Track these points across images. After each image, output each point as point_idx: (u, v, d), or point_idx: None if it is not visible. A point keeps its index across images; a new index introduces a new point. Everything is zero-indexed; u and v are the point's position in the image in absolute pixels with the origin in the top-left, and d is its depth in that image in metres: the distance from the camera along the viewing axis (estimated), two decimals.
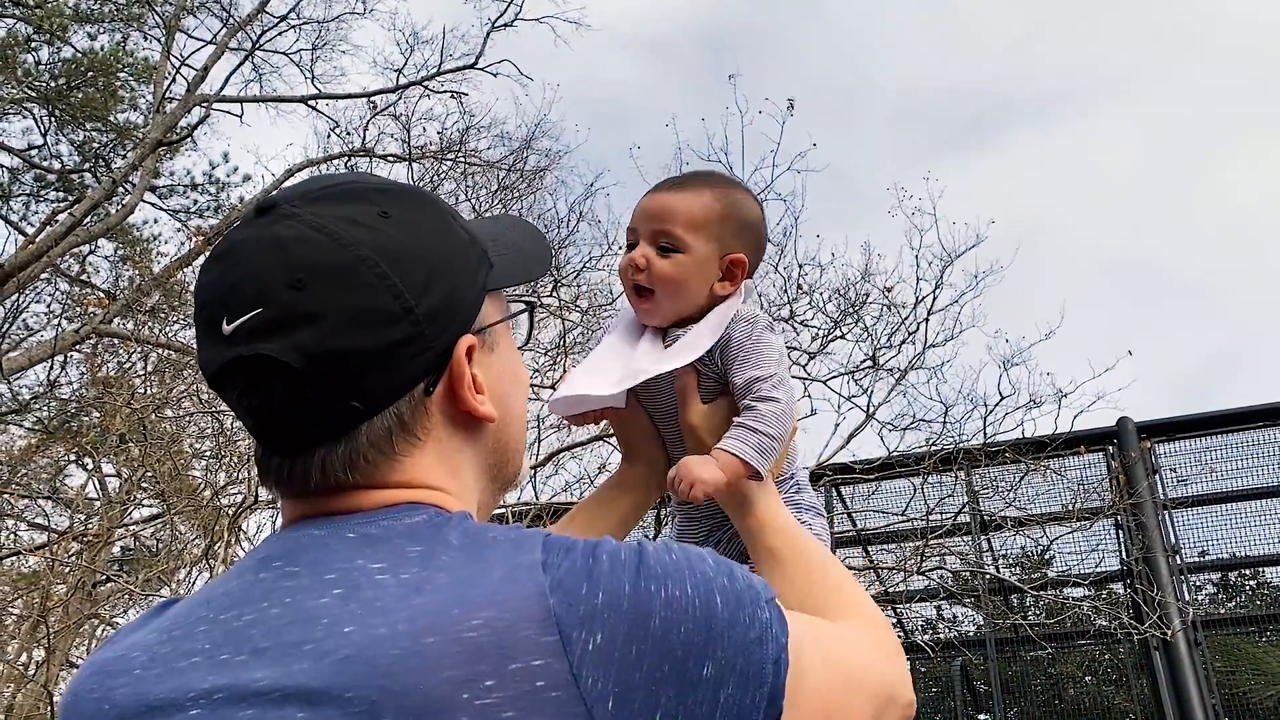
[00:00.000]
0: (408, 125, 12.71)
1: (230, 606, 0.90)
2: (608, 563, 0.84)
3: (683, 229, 1.63)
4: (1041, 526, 9.41)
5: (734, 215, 1.69)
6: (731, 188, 1.72)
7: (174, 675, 0.86)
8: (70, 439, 12.11)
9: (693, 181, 1.69)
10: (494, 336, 1.08)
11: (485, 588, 0.82)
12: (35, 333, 14.13)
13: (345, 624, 0.82)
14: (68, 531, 10.58)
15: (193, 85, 14.26)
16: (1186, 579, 9.21)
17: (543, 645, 0.78)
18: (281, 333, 0.90)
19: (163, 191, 15.64)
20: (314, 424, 0.94)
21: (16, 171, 15.34)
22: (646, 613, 0.81)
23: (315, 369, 0.91)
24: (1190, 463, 9.66)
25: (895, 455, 9.11)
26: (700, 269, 1.64)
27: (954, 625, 10.96)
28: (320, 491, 0.96)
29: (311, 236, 0.93)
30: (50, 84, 14.77)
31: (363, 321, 0.92)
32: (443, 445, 1.01)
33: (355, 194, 0.99)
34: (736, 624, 0.85)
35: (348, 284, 0.92)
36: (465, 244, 1.05)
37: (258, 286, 0.91)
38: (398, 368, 0.95)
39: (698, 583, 0.85)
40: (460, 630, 0.78)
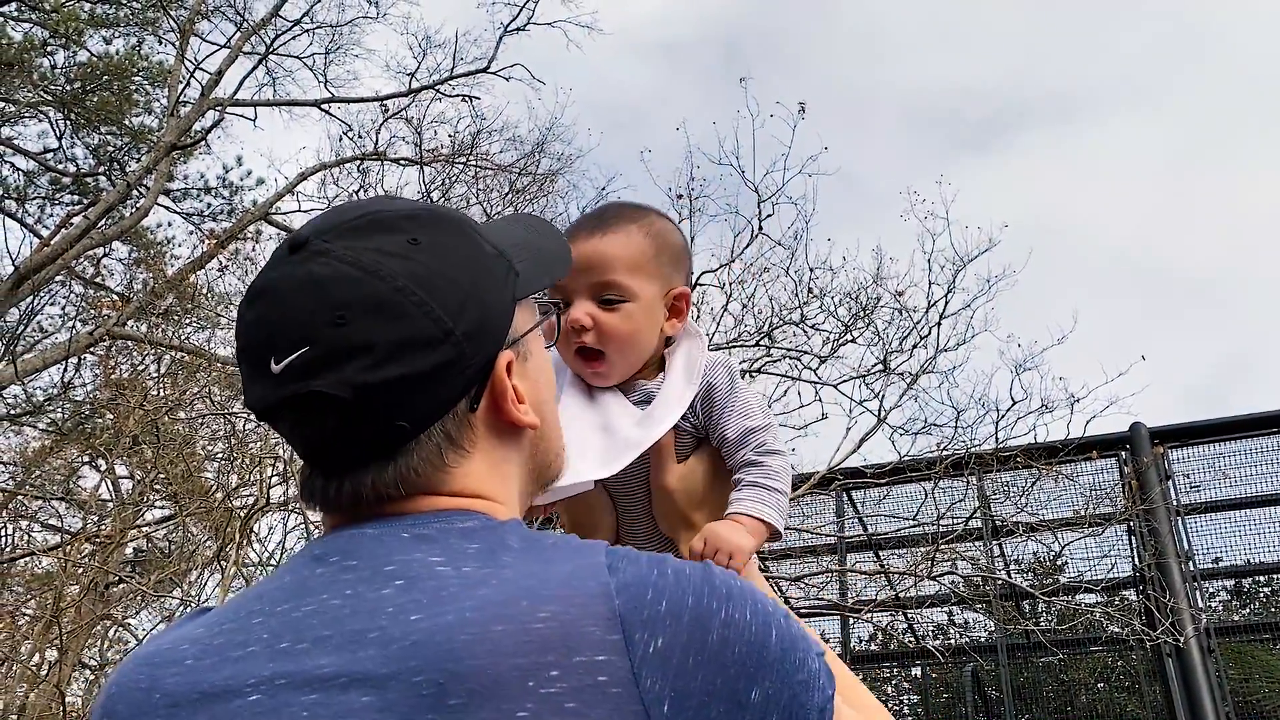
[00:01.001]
0: (420, 129, 12.77)
1: (286, 599, 0.92)
2: (673, 574, 0.87)
3: (624, 274, 1.50)
4: (1053, 532, 9.38)
5: (667, 246, 1.57)
6: (651, 217, 1.60)
7: (230, 664, 0.88)
8: (84, 440, 12.18)
9: (612, 221, 1.55)
10: (527, 345, 1.11)
11: (552, 583, 0.85)
12: (50, 335, 14.21)
13: (411, 612, 0.85)
14: (81, 533, 10.64)
15: (207, 89, 14.33)
16: (1200, 585, 9.15)
17: (607, 643, 0.81)
18: (330, 368, 0.94)
19: (177, 195, 15.73)
20: (365, 447, 0.98)
21: (32, 174, 15.45)
22: (706, 626, 0.84)
23: (366, 399, 0.94)
24: (1203, 468, 9.60)
25: (907, 460, 9.09)
26: (649, 315, 1.53)
27: (965, 631, 10.91)
28: (369, 505, 0.99)
29: (347, 272, 0.96)
30: (66, 88, 14.87)
31: (406, 349, 0.95)
32: (490, 455, 1.05)
33: (383, 224, 1.02)
34: (787, 662, 0.88)
35: (388, 315, 0.95)
36: (493, 259, 1.07)
37: (301, 326, 0.95)
38: (442, 388, 0.99)
39: (757, 612, 0.88)
40: (528, 621, 0.81)
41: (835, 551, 9.84)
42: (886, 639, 11.12)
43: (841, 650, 10.08)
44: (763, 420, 1.53)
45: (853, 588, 9.64)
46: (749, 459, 1.50)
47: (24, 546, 12.09)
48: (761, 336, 9.62)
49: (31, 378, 12.53)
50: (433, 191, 11.45)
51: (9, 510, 12.52)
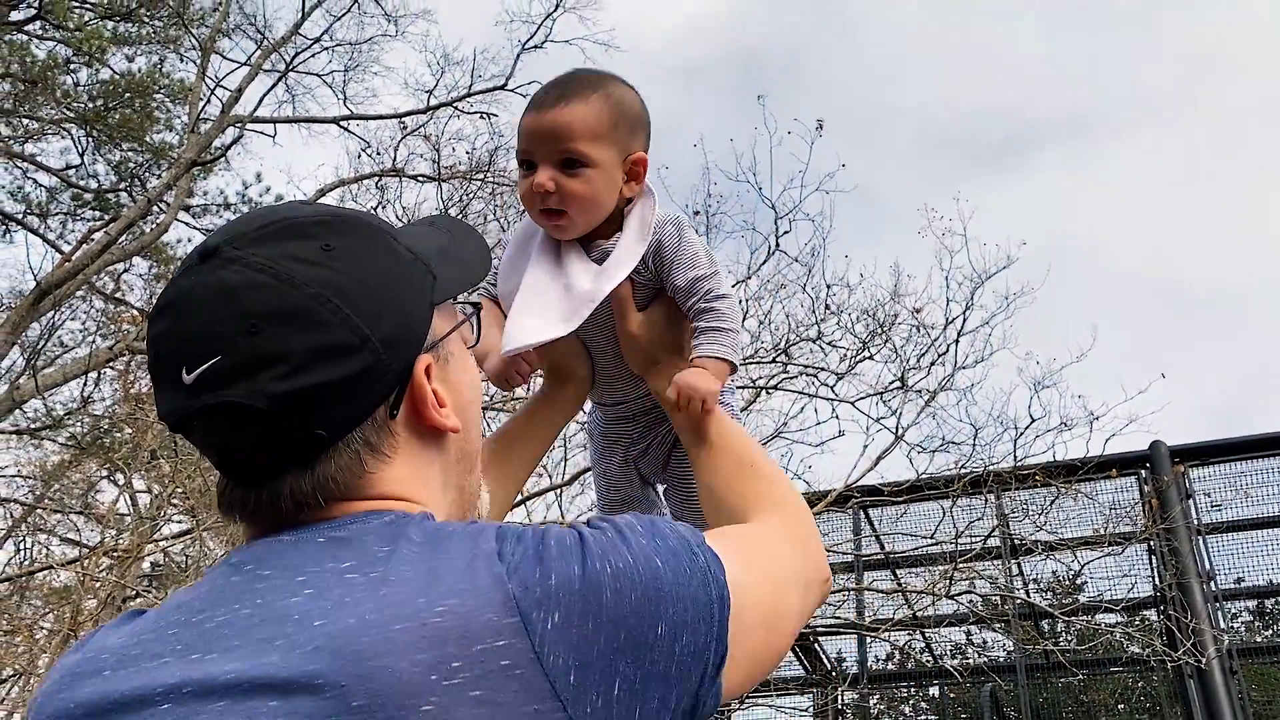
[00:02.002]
0: (438, 145, 12.83)
1: (201, 609, 0.92)
2: (555, 547, 0.89)
3: (585, 143, 1.60)
4: (1073, 551, 9.30)
5: (626, 114, 1.66)
6: (612, 84, 1.68)
7: (143, 674, 0.88)
8: (102, 455, 12.23)
9: (575, 89, 1.63)
10: (447, 348, 1.11)
11: (448, 577, 0.85)
12: (70, 349, 14.32)
13: (315, 618, 0.84)
14: (99, 546, 10.67)
15: (227, 106, 14.45)
16: (1221, 606, 9.05)
17: (504, 627, 0.82)
18: (244, 378, 0.93)
19: (196, 211, 15.83)
20: (283, 456, 0.97)
21: (54, 190, 15.59)
22: (598, 589, 0.86)
23: (281, 408, 0.93)
24: (1225, 487, 9.51)
25: (924, 477, 9.04)
26: (608, 179, 1.63)
27: (984, 650, 10.82)
28: (289, 514, 0.98)
29: (259, 280, 0.95)
30: (88, 105, 15.02)
31: (322, 358, 0.94)
32: (412, 460, 1.04)
33: (296, 230, 1.00)
34: (679, 576, 0.91)
35: (303, 323, 0.94)
36: (409, 263, 1.06)
37: (213, 335, 0.93)
38: (360, 395, 0.98)
39: (635, 552, 0.90)
40: (426, 617, 0.82)
41: (852, 570, 9.78)
42: (904, 658, 11.03)
43: (859, 669, 10.01)
44: (708, 268, 1.65)
45: (870, 606, 9.58)
46: (700, 306, 1.63)
47: (43, 560, 12.15)
48: (778, 353, 9.60)
49: (52, 392, 12.62)
50: (451, 208, 11.49)
51: (28, 524, 12.59)
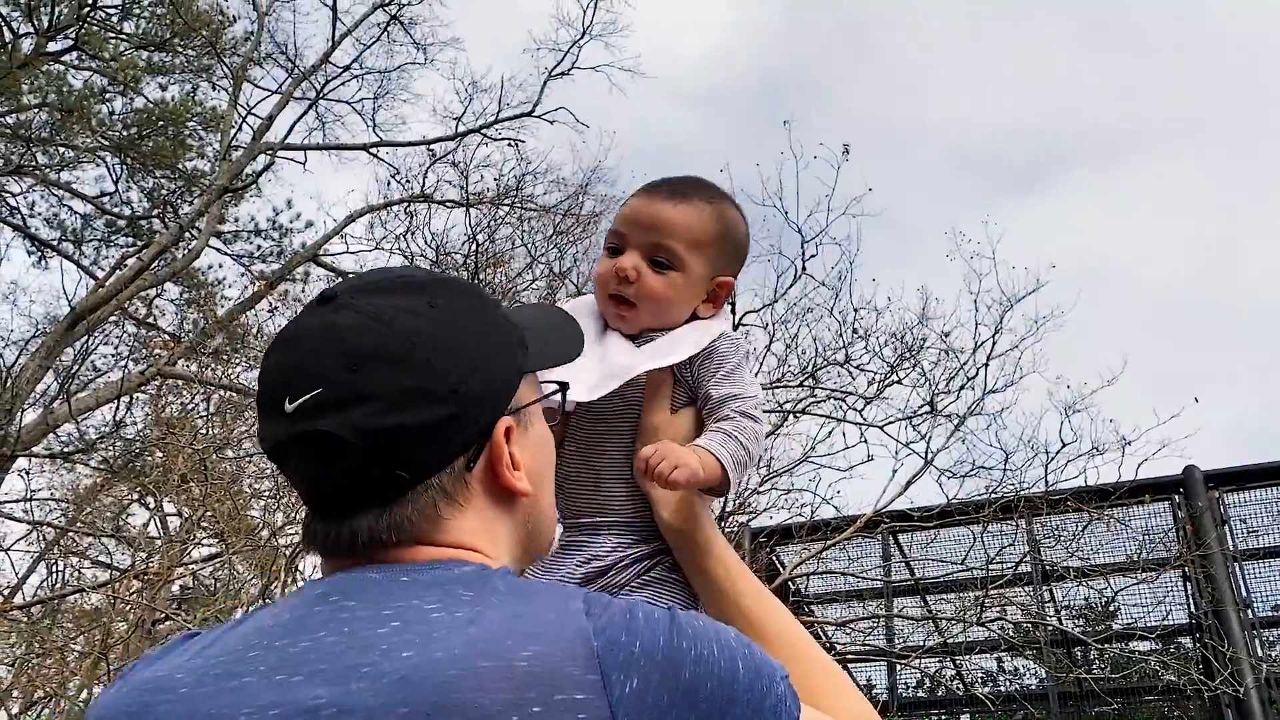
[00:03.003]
0: (466, 172, 12.93)
1: (284, 635, 0.95)
2: (643, 618, 0.93)
3: (683, 247, 1.55)
4: (1105, 577, 9.18)
5: (730, 237, 1.62)
6: (727, 204, 1.64)
7: (225, 694, 0.91)
8: (134, 478, 12.34)
9: (691, 193, 1.60)
10: (529, 416, 1.17)
11: (535, 625, 0.89)
12: (103, 374, 14.49)
13: (403, 649, 0.88)
14: (129, 569, 10.74)
15: (258, 133, 14.64)
16: (1259, 634, 8.90)
17: (586, 682, 0.85)
18: (339, 410, 0.99)
19: (228, 237, 16.03)
20: (364, 492, 1.02)
21: (89, 218, 15.84)
22: (678, 665, 0.90)
23: (369, 443, 0.99)
24: (1261, 513, 9.36)
25: (954, 503, 8.96)
26: (691, 289, 1.58)
27: (1015, 678, 10.68)
28: (366, 550, 1.03)
29: (366, 324, 1.03)
30: (122, 133, 15.26)
31: (412, 400, 1.01)
32: (483, 514, 1.09)
33: (408, 286, 1.09)
34: (755, 690, 0.93)
35: (398, 367, 1.01)
36: (505, 331, 1.14)
37: (316, 369, 1.01)
38: (442, 443, 1.04)
39: (723, 647, 0.94)
40: (513, 659, 0.85)
41: (882, 596, 9.69)
42: (934, 686, 10.91)
43: (888, 697, 9.90)
44: (750, 393, 1.55)
45: (900, 633, 9.48)
46: (726, 414, 1.52)
47: (74, 583, 12.24)
48: (805, 377, 9.57)
49: (84, 416, 12.76)
50: (478, 233, 11.58)
51: (60, 547, 12.70)
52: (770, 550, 9.47)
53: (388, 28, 15.68)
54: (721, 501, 9.13)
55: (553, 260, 12.06)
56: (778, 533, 9.53)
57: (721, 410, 1.52)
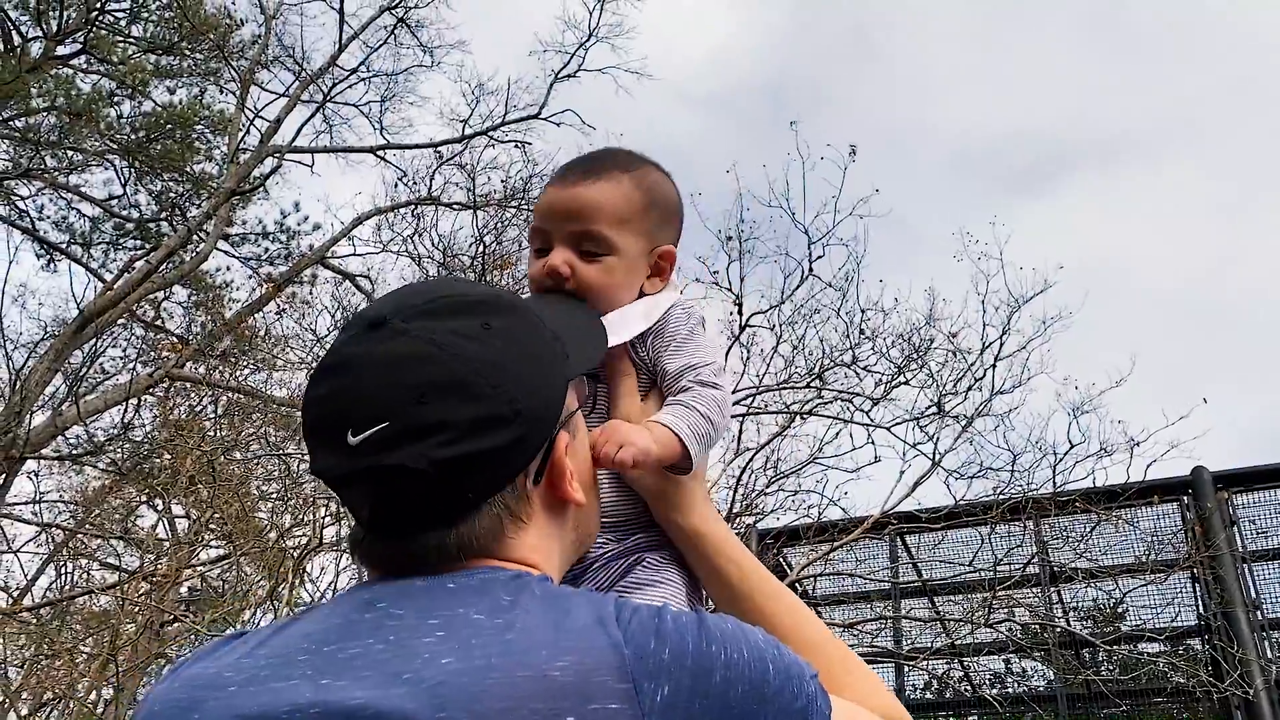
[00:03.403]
0: (473, 174, 12.95)
1: (333, 640, 0.97)
2: (672, 623, 0.95)
3: (608, 227, 1.44)
4: (1114, 579, 9.15)
5: (658, 202, 1.51)
6: (647, 168, 1.53)
7: (270, 694, 0.93)
8: (142, 480, 12.38)
9: (605, 167, 1.49)
10: (575, 423, 1.20)
11: (569, 634, 0.92)
12: (111, 376, 14.54)
13: (444, 657, 0.90)
14: (138, 571, 10.77)
15: (265, 136, 14.68)
16: (1269, 635, 8.86)
17: (617, 691, 0.87)
18: (410, 443, 1.00)
19: (235, 239, 16.07)
20: (433, 515, 1.04)
21: (97, 220, 15.88)
22: (709, 670, 0.92)
23: (443, 473, 1.01)
24: (1270, 514, 9.32)
25: (962, 504, 8.94)
26: (630, 270, 1.48)
27: (1023, 680, 10.66)
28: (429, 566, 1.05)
29: (427, 352, 1.03)
30: (131, 136, 15.31)
31: (482, 428, 1.02)
32: (543, 528, 1.12)
33: (458, 308, 1.09)
34: (785, 692, 0.95)
35: (464, 396, 1.02)
36: (551, 342, 1.16)
37: (381, 401, 1.01)
38: (508, 464, 1.07)
39: (752, 649, 0.96)
40: (548, 669, 0.87)
41: (889, 597, 9.67)
42: (942, 687, 10.88)
43: None
44: (706, 359, 1.46)
45: (907, 634, 9.46)
46: (684, 385, 1.44)
47: (83, 584, 12.29)
48: (813, 378, 9.56)
49: (93, 418, 12.80)
50: (485, 235, 11.59)
51: (69, 548, 12.74)
52: (777, 551, 9.46)
53: (394, 30, 15.73)
54: (728, 503, 9.13)
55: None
56: (785, 534, 9.52)
57: (679, 382, 1.44)
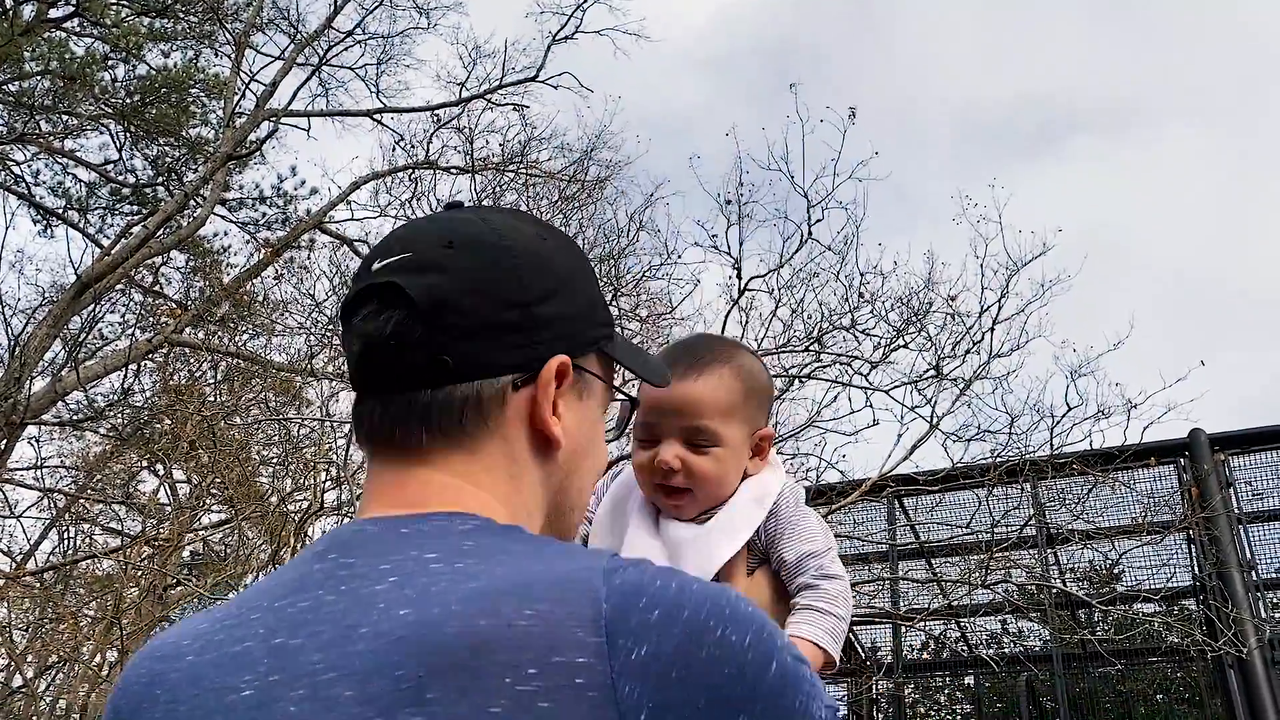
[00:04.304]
0: (470, 137, 12.88)
1: (285, 595, 0.93)
2: (677, 586, 0.85)
3: (716, 421, 1.53)
4: (1110, 540, 9.21)
5: (755, 389, 1.60)
6: (740, 355, 1.62)
7: (228, 659, 0.90)
8: (143, 446, 12.42)
9: (704, 361, 1.56)
10: (590, 389, 1.14)
11: (544, 583, 0.84)
12: (110, 342, 14.52)
13: (401, 607, 0.85)
14: (140, 536, 10.83)
15: (261, 100, 14.58)
16: (1263, 595, 8.94)
17: (589, 645, 0.79)
18: (417, 273, 1.02)
19: (232, 204, 16.00)
20: (408, 365, 1.01)
21: (94, 186, 15.81)
22: (698, 642, 0.81)
23: (428, 309, 1.00)
24: (1266, 476, 9.38)
25: (959, 467, 8.98)
26: (736, 457, 1.55)
27: (1020, 640, 10.76)
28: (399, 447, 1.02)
29: (475, 221, 1.09)
30: (126, 100, 15.20)
31: (483, 290, 1.02)
32: (510, 448, 1.05)
33: (530, 219, 1.15)
34: (783, 699, 0.84)
35: (485, 258, 1.04)
36: (596, 300, 1.16)
37: (415, 239, 1.06)
38: (495, 348, 1.03)
39: (761, 640, 0.85)
40: (513, 618, 0.80)
41: (887, 559, 9.75)
42: (939, 648, 10.99)
43: (893, 659, 9.99)
44: (823, 545, 1.53)
45: (905, 596, 9.55)
46: (806, 582, 1.49)
47: (86, 549, 12.36)
48: (811, 342, 9.56)
49: (93, 384, 12.82)
50: (483, 199, 11.54)
51: (71, 514, 12.81)
52: None
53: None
54: None
55: (558, 226, 12.02)
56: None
57: (800, 576, 1.50)
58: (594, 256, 11.39)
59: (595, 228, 11.96)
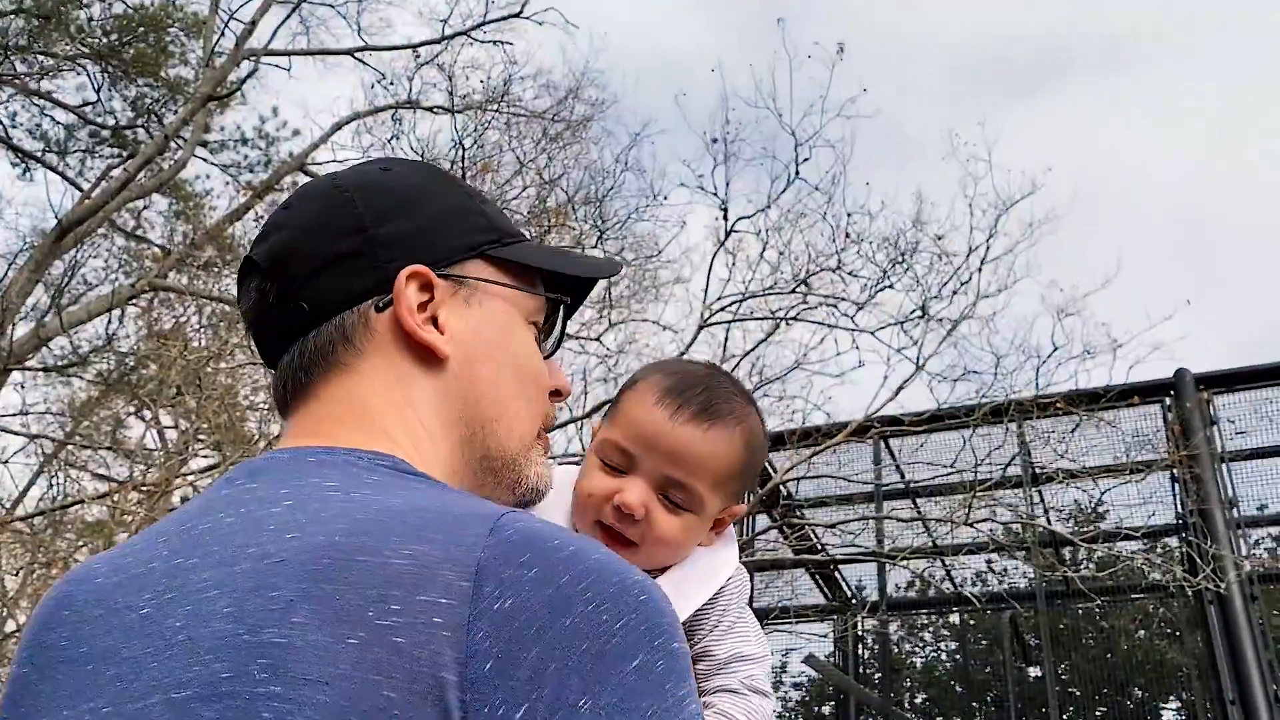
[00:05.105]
0: (452, 76, 12.68)
1: (190, 519, 0.95)
2: (569, 553, 0.81)
3: (707, 486, 1.30)
4: (1094, 479, 9.28)
5: (755, 464, 1.39)
6: (753, 418, 1.39)
7: (131, 580, 0.92)
8: (129, 391, 12.39)
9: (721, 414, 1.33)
10: (485, 294, 1.11)
11: (430, 523, 0.83)
12: (94, 287, 14.42)
13: (289, 531, 0.85)
14: (129, 481, 10.85)
15: (241, 39, 14.30)
16: (1244, 532, 9.04)
17: (455, 588, 0.78)
18: (261, 241, 1.08)
19: (214, 146, 15.78)
20: (278, 324, 1.07)
21: (72, 128, 15.58)
22: (566, 608, 0.78)
23: (272, 266, 1.06)
24: (1250, 414, 9.43)
25: (945, 407, 9.01)
26: (703, 528, 1.34)
27: (1004, 578, 10.88)
28: (292, 399, 1.07)
29: (321, 178, 1.13)
30: (103, 40, 14.92)
31: (318, 231, 1.06)
32: (391, 366, 1.05)
33: (386, 159, 1.16)
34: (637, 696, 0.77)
35: (317, 204, 1.09)
36: (461, 208, 1.14)
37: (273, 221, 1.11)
38: (343, 279, 1.05)
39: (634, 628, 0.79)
40: (391, 555, 0.80)
41: (872, 499, 9.81)
42: (924, 586, 11.12)
43: (879, 597, 10.10)
44: (759, 651, 1.33)
45: (889, 535, 9.63)
46: (731, 687, 1.27)
47: (74, 495, 12.38)
48: (798, 284, 9.53)
49: (76, 329, 12.74)
50: (465, 138, 11.39)
51: (59, 460, 12.81)
52: None
53: None
54: None
55: (542, 166, 11.91)
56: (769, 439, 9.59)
57: (724, 677, 1.28)
58: (579, 198, 11.28)
59: (581, 169, 11.83)
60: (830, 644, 11.16)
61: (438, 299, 1.07)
